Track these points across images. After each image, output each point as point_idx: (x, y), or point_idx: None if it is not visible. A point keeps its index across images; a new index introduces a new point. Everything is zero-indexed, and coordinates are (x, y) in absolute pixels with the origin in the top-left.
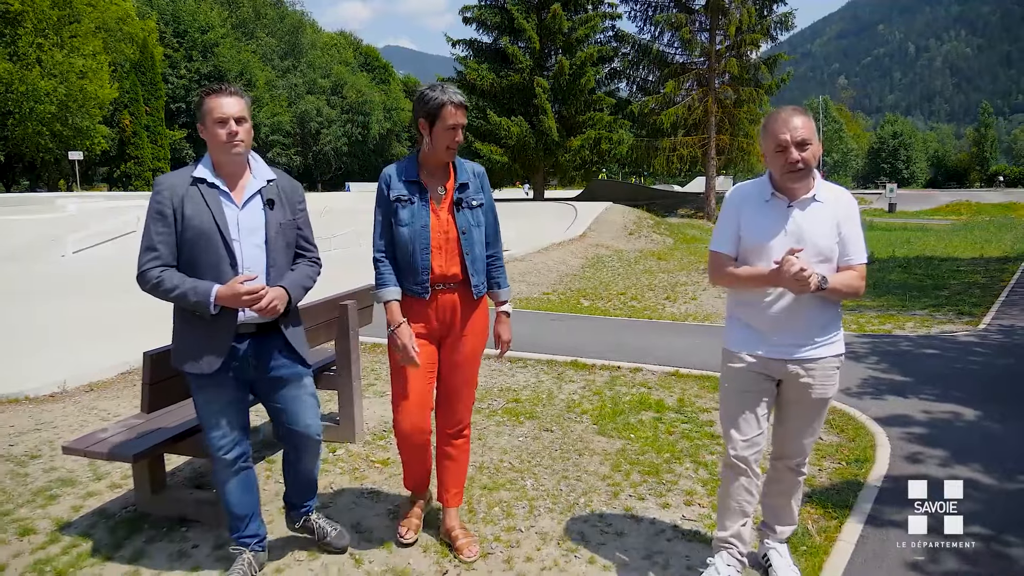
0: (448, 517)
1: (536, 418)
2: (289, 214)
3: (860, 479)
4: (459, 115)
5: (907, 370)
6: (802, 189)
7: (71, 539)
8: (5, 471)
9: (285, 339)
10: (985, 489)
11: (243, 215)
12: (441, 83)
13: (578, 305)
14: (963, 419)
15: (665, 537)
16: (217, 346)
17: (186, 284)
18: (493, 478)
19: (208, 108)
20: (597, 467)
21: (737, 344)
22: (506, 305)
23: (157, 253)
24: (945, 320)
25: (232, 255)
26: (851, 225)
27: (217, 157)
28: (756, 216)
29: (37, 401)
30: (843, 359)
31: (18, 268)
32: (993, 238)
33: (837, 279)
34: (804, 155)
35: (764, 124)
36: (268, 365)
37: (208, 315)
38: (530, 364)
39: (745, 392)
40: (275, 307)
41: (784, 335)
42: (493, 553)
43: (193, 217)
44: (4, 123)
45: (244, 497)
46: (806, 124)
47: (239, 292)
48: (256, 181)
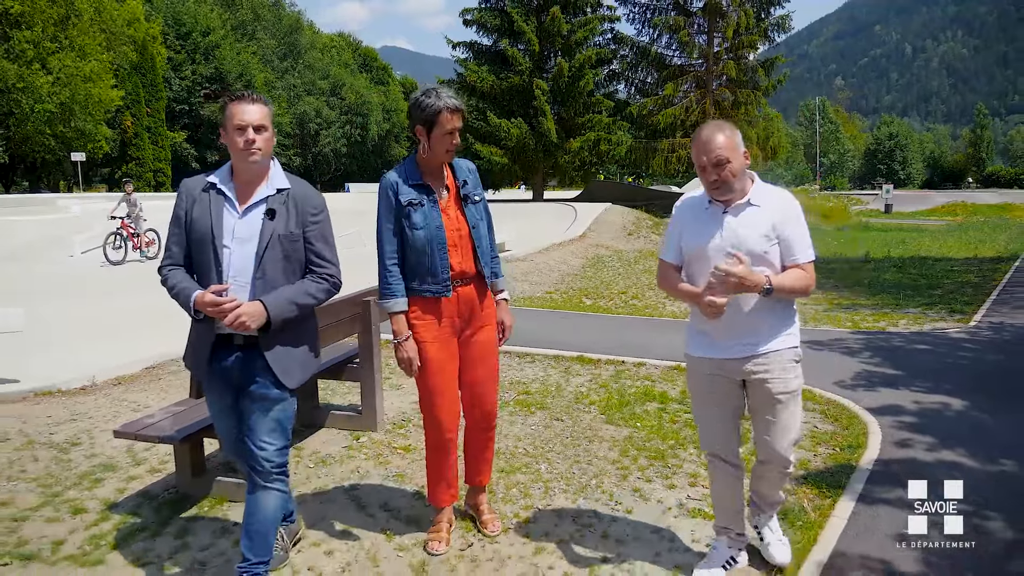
0: (475, 493)
1: (546, 408)
2: (295, 226)
3: (853, 463)
4: (455, 119)
5: (899, 364)
6: (736, 196)
7: (120, 517)
8: (50, 457)
9: (263, 358)
10: (969, 471)
11: (241, 223)
12: (435, 88)
13: (581, 304)
14: (952, 409)
15: (672, 514)
16: (201, 351)
17: (180, 285)
18: (509, 462)
19: (229, 114)
20: (606, 452)
21: (695, 348)
22: (505, 292)
23: (170, 253)
24: (937, 318)
25: (219, 262)
26: (792, 225)
27: (236, 164)
28: (695, 223)
29: (69, 394)
30: (800, 352)
31: (28, 268)
32: (987, 239)
33: (783, 280)
34: (723, 174)
35: (692, 139)
36: (246, 380)
37: (195, 318)
38: (538, 359)
39: (709, 394)
40: (243, 323)
41: (736, 336)
42: (513, 528)
43: (197, 220)
44: (6, 123)
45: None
46: (726, 142)
47: (207, 301)
48: (266, 190)
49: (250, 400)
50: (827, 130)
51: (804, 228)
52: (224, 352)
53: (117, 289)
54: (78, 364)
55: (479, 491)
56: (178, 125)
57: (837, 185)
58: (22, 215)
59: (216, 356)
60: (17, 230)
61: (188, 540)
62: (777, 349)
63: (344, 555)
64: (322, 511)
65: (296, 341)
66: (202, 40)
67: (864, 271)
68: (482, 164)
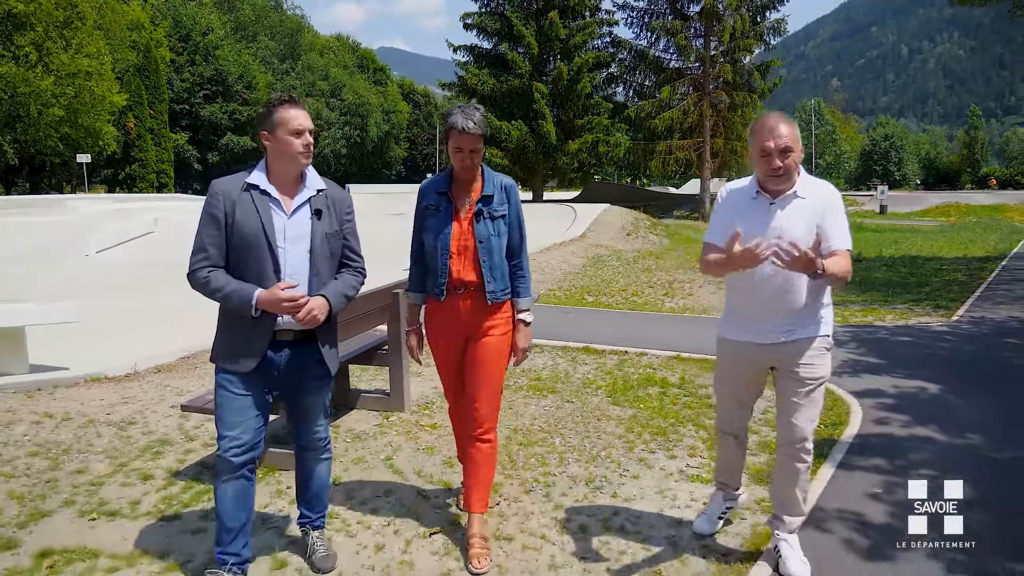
0: (471, 523)
1: (557, 392)
2: (336, 224)
3: (835, 437)
4: (464, 140)
5: (882, 354)
6: (785, 188)
7: (185, 482)
8: (111, 434)
9: (319, 349)
10: (937, 443)
11: (291, 223)
12: (469, 107)
13: (583, 300)
14: (927, 393)
15: (673, 479)
16: (254, 349)
17: (231, 286)
18: (527, 437)
19: (283, 119)
20: (613, 429)
21: (730, 331)
22: (525, 314)
23: (207, 254)
24: (923, 313)
25: (276, 262)
26: (833, 216)
27: (279, 165)
28: (742, 213)
29: (115, 380)
30: (831, 342)
31: (47, 267)
32: (978, 239)
33: (832, 264)
34: (786, 162)
35: (752, 127)
36: (298, 372)
37: (249, 318)
38: (547, 350)
39: (736, 376)
40: (314, 316)
41: (772, 320)
42: (534, 490)
43: (242, 222)
44: (14, 126)
45: (236, 508)
46: (790, 133)
47: (280, 298)
48: (307, 190)
49: (304, 392)
50: (824, 131)
51: (844, 218)
52: (275, 349)
53: (137, 286)
54: (119, 354)
55: (474, 520)
56: (179, 126)
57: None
58: (33, 216)
59: (266, 352)
60: (30, 231)
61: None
62: (812, 336)
63: (388, 511)
64: (363, 475)
65: (333, 332)
66: (202, 41)
67: (855, 269)
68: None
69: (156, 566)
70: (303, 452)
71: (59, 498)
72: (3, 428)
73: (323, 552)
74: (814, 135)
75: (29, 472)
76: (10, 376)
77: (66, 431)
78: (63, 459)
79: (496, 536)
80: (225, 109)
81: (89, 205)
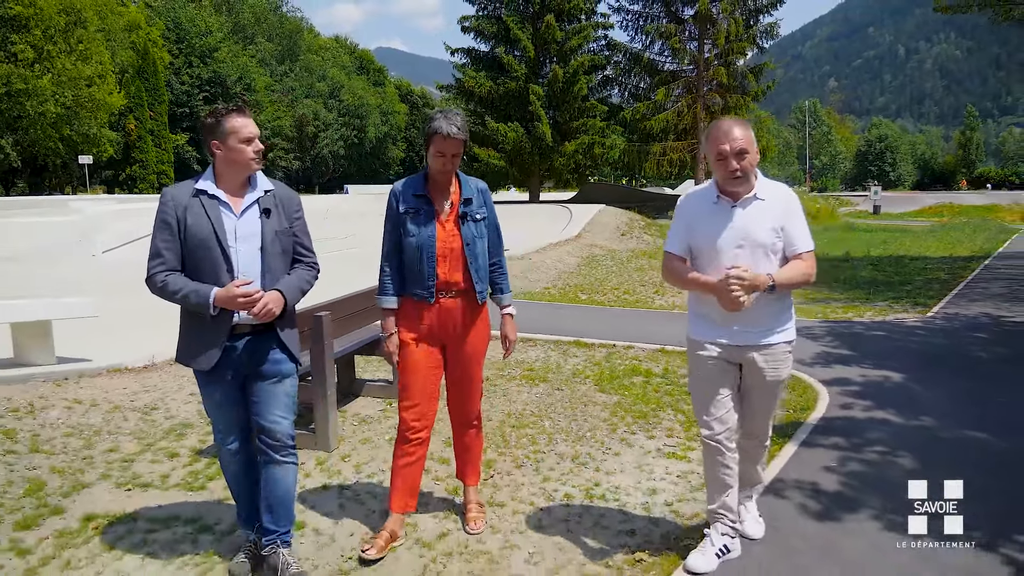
0: (467, 493)
1: (548, 381)
2: (285, 222)
3: (801, 420)
4: (447, 145)
5: (854, 347)
6: (744, 191)
7: (208, 459)
8: (136, 418)
9: (279, 338)
10: (892, 425)
11: (240, 223)
12: (449, 112)
13: (577, 298)
14: (891, 381)
15: (651, 456)
16: (213, 344)
17: (188, 287)
18: (519, 420)
19: (233, 127)
20: (599, 413)
21: (700, 334)
22: (510, 308)
23: (163, 259)
24: (900, 310)
25: (229, 261)
26: (794, 219)
27: (228, 171)
28: (704, 218)
29: (135, 371)
30: (794, 344)
31: (55, 267)
32: (966, 239)
33: (785, 274)
34: (743, 164)
35: (708, 133)
36: (258, 360)
37: (208, 316)
38: (540, 343)
39: (712, 378)
40: (269, 310)
41: (741, 325)
42: (525, 465)
43: (194, 226)
44: (15, 127)
45: (246, 482)
46: (745, 135)
47: (234, 295)
48: (255, 192)
49: (262, 380)
50: (820, 132)
51: (804, 220)
52: (230, 342)
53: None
54: (135, 348)
55: (470, 491)
56: (179, 127)
57: (829, 186)
58: (36, 216)
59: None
60: (36, 231)
61: None
62: (775, 342)
63: None
64: (371, 453)
65: (292, 322)
66: (199, 43)
67: (843, 269)
68: (480, 167)
69: (189, 527)
70: (264, 453)
71: (96, 472)
72: (39, 412)
73: (296, 570)
74: (807, 135)
75: (66, 450)
76: (39, 366)
77: (95, 415)
78: (95, 439)
79: (490, 503)
80: None
81: (93, 206)
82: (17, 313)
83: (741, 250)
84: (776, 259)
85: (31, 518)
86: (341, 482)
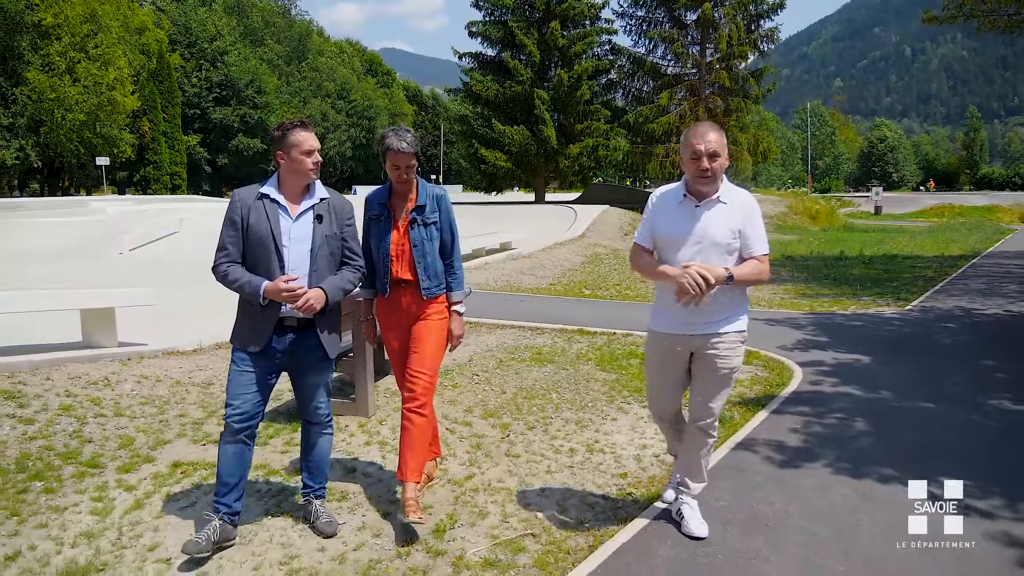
0: (405, 489)
1: (555, 363)
2: (336, 228)
3: (775, 393)
4: (399, 159)
5: (832, 334)
6: (709, 192)
7: (266, 423)
8: (197, 391)
9: (319, 337)
10: (853, 397)
11: (295, 226)
12: (399, 129)
13: (581, 293)
14: (860, 363)
15: (643, 421)
16: (262, 331)
17: (244, 278)
18: (530, 393)
19: (296, 140)
20: (599, 388)
21: (657, 324)
22: (458, 305)
23: (227, 252)
24: (883, 304)
25: (281, 258)
26: (753, 224)
27: (290, 179)
28: (670, 214)
29: (186, 354)
30: (745, 335)
31: (85, 264)
32: (961, 238)
33: (742, 270)
34: (713, 165)
35: (684, 134)
36: (299, 354)
37: (258, 305)
38: (547, 331)
39: (664, 363)
40: (311, 305)
41: (695, 315)
42: (536, 427)
43: (255, 225)
44: (38, 131)
45: (234, 466)
46: (718, 139)
47: (281, 288)
48: (311, 199)
49: (306, 372)
50: (823, 133)
51: (761, 225)
52: (280, 334)
53: (170, 281)
54: (183, 333)
55: (407, 485)
56: (192, 129)
57: (832, 187)
58: (60, 217)
59: (272, 336)
60: (59, 231)
61: None
62: (728, 331)
63: None
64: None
65: (335, 322)
66: (209, 47)
67: (835, 267)
68: (487, 168)
69: (259, 472)
70: (307, 426)
71: (173, 431)
72: (116, 385)
73: (326, 519)
74: (809, 137)
75: (144, 415)
76: (105, 348)
77: (162, 388)
78: (166, 407)
79: (507, 454)
80: (237, 112)
81: (115, 206)
82: (88, 300)
83: (698, 247)
84: (731, 259)
85: (129, 464)
86: (380, 440)
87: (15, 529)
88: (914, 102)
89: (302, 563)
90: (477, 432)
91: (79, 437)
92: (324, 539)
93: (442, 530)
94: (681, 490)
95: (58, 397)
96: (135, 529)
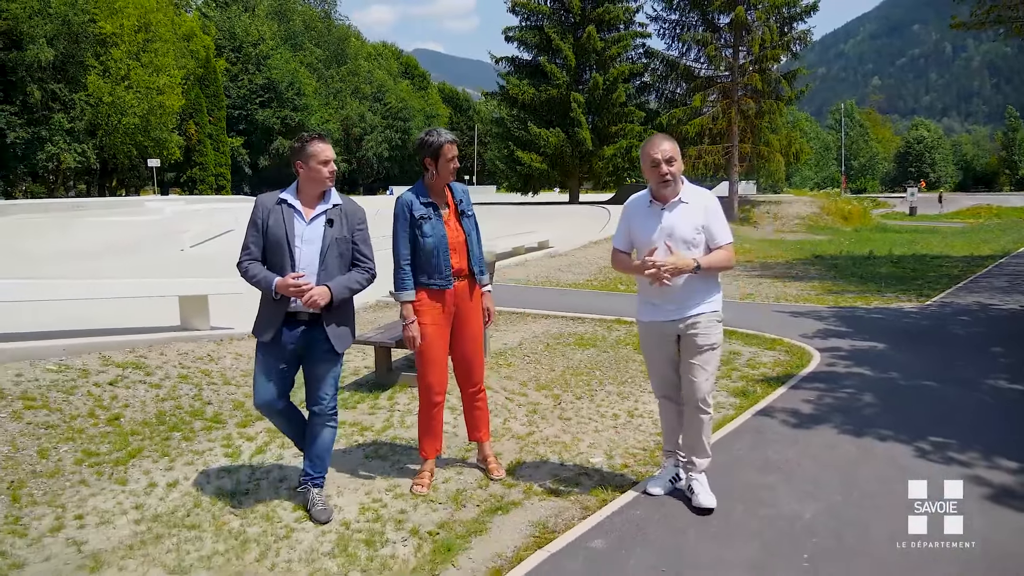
0: (483, 448)
1: (596, 347)
2: (346, 232)
3: (793, 373)
4: (454, 149)
5: (852, 325)
6: (671, 195)
7: (348, 394)
8: None
9: (326, 332)
10: (865, 377)
11: (308, 229)
12: (436, 129)
13: (617, 288)
14: (875, 350)
15: None
16: (273, 322)
17: (261, 274)
18: (576, 371)
19: (314, 151)
20: (637, 368)
21: (643, 316)
22: (488, 286)
23: (249, 251)
24: (906, 300)
25: (293, 258)
26: (714, 218)
27: (308, 186)
28: (640, 218)
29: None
30: (721, 316)
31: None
32: (993, 239)
33: (709, 259)
34: (671, 169)
35: (642, 149)
36: (308, 346)
37: (272, 298)
38: (587, 320)
39: (656, 350)
40: (315, 301)
41: (672, 303)
42: (583, 398)
43: (273, 227)
44: (95, 134)
45: (287, 429)
46: (672, 147)
47: (288, 284)
48: (325, 205)
49: (314, 363)
50: (856, 133)
51: (722, 218)
52: (291, 326)
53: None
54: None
55: (484, 447)
56: (235, 131)
57: (868, 188)
58: (119, 216)
59: (284, 329)
60: (120, 230)
61: (393, 401)
62: (704, 312)
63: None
64: None
65: (344, 318)
66: (253, 51)
67: (863, 266)
68: (523, 169)
69: (355, 428)
70: (312, 416)
71: None
72: (218, 360)
73: (321, 507)
74: (843, 137)
75: (247, 384)
76: (201, 331)
77: None
78: None
79: (560, 417)
80: (278, 115)
81: (171, 206)
82: (186, 288)
83: (668, 243)
84: (697, 251)
85: (245, 421)
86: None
87: (169, 465)
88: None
89: (402, 490)
90: (532, 400)
91: (200, 399)
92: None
93: (511, 471)
94: (688, 468)
95: (175, 368)
96: (263, 467)
